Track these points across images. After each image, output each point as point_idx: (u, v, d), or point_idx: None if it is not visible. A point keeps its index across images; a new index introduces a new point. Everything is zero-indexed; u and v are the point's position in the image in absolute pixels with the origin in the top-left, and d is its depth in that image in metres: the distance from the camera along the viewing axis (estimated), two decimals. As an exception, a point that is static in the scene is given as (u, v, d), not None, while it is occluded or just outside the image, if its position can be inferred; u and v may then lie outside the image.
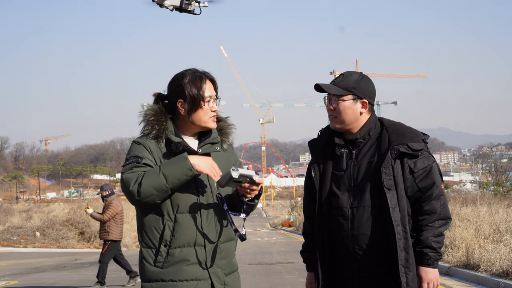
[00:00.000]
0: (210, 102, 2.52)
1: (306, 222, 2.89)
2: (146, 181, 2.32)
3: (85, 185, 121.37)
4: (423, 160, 2.63)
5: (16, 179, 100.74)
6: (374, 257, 2.59)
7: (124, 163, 2.46)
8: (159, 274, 2.41)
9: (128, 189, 2.35)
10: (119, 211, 9.46)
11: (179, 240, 2.41)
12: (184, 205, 2.43)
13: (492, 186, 32.04)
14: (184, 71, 2.56)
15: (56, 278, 11.37)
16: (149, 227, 2.44)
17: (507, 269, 7.75)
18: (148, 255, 2.44)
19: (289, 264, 12.53)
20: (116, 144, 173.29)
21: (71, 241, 21.40)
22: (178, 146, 2.46)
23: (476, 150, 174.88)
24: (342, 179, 2.68)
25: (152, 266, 2.42)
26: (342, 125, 2.70)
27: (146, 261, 2.44)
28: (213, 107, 2.55)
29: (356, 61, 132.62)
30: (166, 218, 2.42)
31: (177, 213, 2.43)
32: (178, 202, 2.43)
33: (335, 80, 2.74)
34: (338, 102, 2.68)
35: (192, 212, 2.44)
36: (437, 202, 2.61)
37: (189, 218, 2.43)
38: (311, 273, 2.85)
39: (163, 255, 2.41)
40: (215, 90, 2.57)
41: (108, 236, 9.38)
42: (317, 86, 2.73)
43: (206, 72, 2.59)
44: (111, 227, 9.36)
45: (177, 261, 2.41)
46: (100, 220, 9.41)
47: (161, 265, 2.41)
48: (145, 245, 2.46)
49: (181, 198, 2.43)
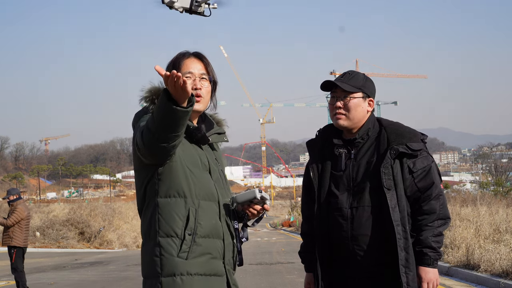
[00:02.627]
0: (191, 79, 2.31)
1: (304, 223, 2.88)
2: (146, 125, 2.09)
3: (85, 185, 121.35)
4: (422, 160, 2.63)
5: (16, 179, 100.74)
6: (374, 257, 2.59)
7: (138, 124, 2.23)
8: (184, 266, 2.16)
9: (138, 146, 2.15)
10: (25, 216, 9.22)
11: (205, 228, 2.22)
12: (206, 193, 2.27)
13: (492, 186, 32.05)
14: None
15: (56, 278, 11.37)
16: (169, 214, 2.19)
17: (507, 269, 7.75)
18: (169, 245, 2.17)
19: (289, 264, 12.53)
20: (116, 144, 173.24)
21: (71, 241, 21.42)
22: (198, 130, 2.30)
23: (476, 150, 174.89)
24: (341, 179, 2.68)
25: (175, 257, 2.16)
26: (350, 122, 2.70)
27: (167, 252, 2.17)
28: (195, 85, 2.32)
29: (356, 61, 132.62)
30: (189, 202, 2.21)
31: (201, 199, 2.24)
32: (201, 187, 2.25)
33: (342, 78, 2.73)
34: (349, 99, 2.68)
35: (213, 201, 2.28)
36: (436, 202, 2.61)
37: (212, 207, 2.27)
38: (310, 273, 2.84)
39: (188, 245, 2.18)
40: (205, 69, 2.37)
41: (11, 242, 9.10)
42: (328, 82, 2.73)
43: (196, 51, 2.40)
44: (15, 233, 9.10)
45: (203, 252, 2.20)
46: (3, 225, 9.21)
47: (186, 255, 2.17)
48: (164, 234, 2.18)
49: (204, 184, 2.26)
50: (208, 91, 2.39)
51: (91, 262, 15.53)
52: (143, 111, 2.31)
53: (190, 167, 2.26)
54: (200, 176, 2.28)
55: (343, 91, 2.69)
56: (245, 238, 2.40)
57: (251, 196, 2.32)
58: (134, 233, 24.56)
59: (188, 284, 2.17)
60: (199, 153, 2.34)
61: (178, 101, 1.98)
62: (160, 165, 2.22)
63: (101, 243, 22.58)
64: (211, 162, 2.36)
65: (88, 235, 22.45)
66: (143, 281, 2.27)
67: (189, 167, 2.26)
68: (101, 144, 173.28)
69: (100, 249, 21.93)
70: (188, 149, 2.31)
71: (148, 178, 2.26)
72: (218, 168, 2.41)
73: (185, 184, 2.23)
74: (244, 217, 2.40)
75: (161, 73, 1.98)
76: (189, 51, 2.40)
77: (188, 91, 1.96)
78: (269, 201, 2.38)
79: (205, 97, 2.38)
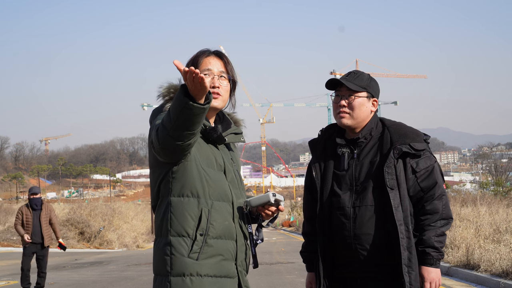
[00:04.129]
0: (209, 76, 2.29)
1: (306, 222, 2.88)
2: (162, 122, 2.07)
3: (85, 185, 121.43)
4: (425, 160, 2.63)
5: (16, 179, 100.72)
6: (377, 256, 2.59)
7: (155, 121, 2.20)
8: (195, 266, 2.15)
9: (153, 144, 2.13)
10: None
11: (217, 229, 2.20)
12: (220, 194, 2.25)
13: (492, 186, 32.02)
14: None
15: (56, 278, 11.37)
16: (182, 214, 2.18)
17: (507, 269, 7.75)
18: (179, 244, 2.16)
19: (289, 264, 12.53)
20: (116, 144, 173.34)
21: (71, 241, 21.39)
22: (214, 131, 2.28)
23: (476, 150, 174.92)
24: (343, 179, 2.68)
25: (186, 257, 2.15)
26: (354, 121, 2.70)
27: (178, 252, 2.16)
28: (213, 83, 2.31)
29: (356, 61, 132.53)
30: (202, 202, 2.20)
31: (214, 200, 2.23)
32: (215, 188, 2.24)
33: (347, 77, 2.73)
34: (353, 98, 2.68)
35: (227, 202, 2.27)
36: (439, 202, 2.61)
37: (225, 208, 2.26)
38: (311, 273, 2.84)
39: (199, 245, 2.17)
40: (224, 67, 2.36)
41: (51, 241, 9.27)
42: (333, 80, 2.73)
43: (217, 49, 2.39)
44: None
45: (214, 253, 2.19)
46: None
47: (197, 256, 2.16)
48: (176, 233, 2.18)
49: (218, 185, 2.25)
50: (226, 89, 2.37)
51: (91, 262, 15.53)
52: (160, 108, 2.31)
53: (205, 168, 2.25)
54: (215, 177, 2.26)
55: (348, 90, 2.69)
56: (260, 240, 2.38)
57: (265, 200, 2.30)
58: (134, 233, 24.56)
59: (198, 285, 2.16)
60: (214, 153, 2.32)
61: (195, 97, 1.97)
62: (175, 164, 2.21)
63: (101, 243, 22.58)
64: (226, 162, 2.35)
65: (88, 235, 22.44)
66: (154, 277, 2.26)
67: (203, 167, 2.25)
68: (101, 144, 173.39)
69: (100, 249, 21.92)
70: (203, 149, 2.30)
71: (162, 176, 2.25)
72: (234, 168, 2.40)
73: (199, 185, 2.21)
74: (259, 218, 2.38)
75: (179, 68, 1.97)
76: (210, 49, 2.38)
77: (206, 86, 1.95)
78: (283, 201, 2.36)
79: (224, 95, 2.36)
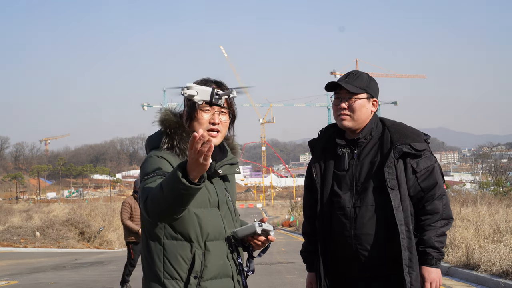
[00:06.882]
0: (210, 112, 2.22)
1: (306, 222, 2.88)
2: (152, 197, 2.03)
3: (85, 185, 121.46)
4: (425, 160, 2.63)
5: (16, 179, 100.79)
6: (377, 256, 2.59)
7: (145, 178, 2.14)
8: None
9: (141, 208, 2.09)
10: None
11: (211, 271, 2.16)
12: (214, 233, 2.19)
13: (492, 186, 32.01)
14: None
15: (56, 278, 11.37)
16: (174, 256, 2.14)
17: (507, 269, 7.75)
18: (172, 287, 2.13)
19: (289, 264, 12.53)
20: (116, 144, 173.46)
21: (71, 241, 21.40)
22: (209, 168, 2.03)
23: (476, 150, 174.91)
24: (344, 179, 2.68)
25: None
26: (355, 123, 2.69)
27: None
28: (213, 119, 2.22)
29: (356, 61, 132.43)
30: (195, 246, 2.15)
31: (207, 240, 2.17)
32: (208, 229, 2.17)
33: (347, 79, 2.72)
34: (353, 100, 2.68)
35: (221, 240, 2.21)
36: (440, 202, 2.61)
37: (220, 246, 2.20)
38: (312, 273, 2.84)
39: None
40: (226, 101, 2.24)
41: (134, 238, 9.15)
42: (333, 83, 2.73)
43: (218, 80, 2.28)
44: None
45: None
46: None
47: None
48: (169, 276, 2.14)
49: (211, 224, 2.19)
50: (226, 125, 2.29)
51: (91, 262, 15.52)
52: (156, 136, 2.27)
53: (196, 211, 2.18)
54: (207, 217, 2.20)
55: (348, 92, 2.68)
56: (251, 271, 2.33)
57: (251, 231, 2.21)
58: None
59: None
60: (208, 188, 2.23)
61: (192, 171, 1.91)
62: None
63: (101, 243, 22.56)
64: (220, 196, 2.26)
65: (88, 235, 22.43)
66: None
67: (195, 211, 2.18)
68: (101, 144, 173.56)
69: (100, 249, 21.91)
70: None
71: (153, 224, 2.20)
72: (228, 200, 2.32)
73: (192, 229, 2.16)
74: (249, 249, 2.32)
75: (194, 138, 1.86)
76: (210, 78, 2.28)
77: (208, 163, 1.89)
78: (273, 231, 2.26)
79: (223, 131, 2.28)
